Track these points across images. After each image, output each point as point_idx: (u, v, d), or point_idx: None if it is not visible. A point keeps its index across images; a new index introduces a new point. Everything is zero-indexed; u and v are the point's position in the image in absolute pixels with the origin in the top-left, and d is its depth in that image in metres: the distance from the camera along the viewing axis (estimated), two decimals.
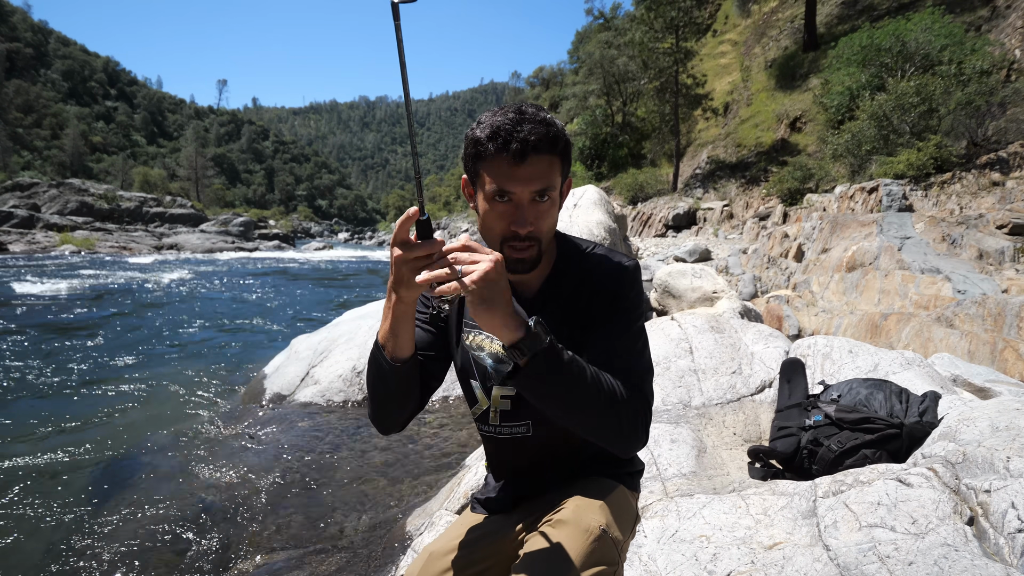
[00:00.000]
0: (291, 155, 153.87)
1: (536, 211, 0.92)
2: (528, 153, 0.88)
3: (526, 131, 0.88)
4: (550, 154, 0.91)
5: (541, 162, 0.90)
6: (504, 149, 0.88)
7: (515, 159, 0.89)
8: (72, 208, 31.29)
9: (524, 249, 0.94)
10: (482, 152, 0.91)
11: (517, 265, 0.96)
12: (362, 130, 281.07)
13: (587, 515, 0.95)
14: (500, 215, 0.93)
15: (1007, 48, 14.39)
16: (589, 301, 1.01)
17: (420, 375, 1.01)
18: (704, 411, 2.70)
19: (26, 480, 3.11)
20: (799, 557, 1.53)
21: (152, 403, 4.44)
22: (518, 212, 0.92)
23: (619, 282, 1.01)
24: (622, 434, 0.92)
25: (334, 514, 2.71)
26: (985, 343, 4.13)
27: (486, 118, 0.93)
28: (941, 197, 9.95)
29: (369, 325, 4.75)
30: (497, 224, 0.94)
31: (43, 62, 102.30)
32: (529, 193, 0.91)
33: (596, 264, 1.03)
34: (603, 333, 0.99)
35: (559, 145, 0.92)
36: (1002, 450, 1.64)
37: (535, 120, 0.90)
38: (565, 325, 1.01)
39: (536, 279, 1.05)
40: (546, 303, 1.03)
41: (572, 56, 48.62)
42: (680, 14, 24.91)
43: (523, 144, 0.88)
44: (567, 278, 1.04)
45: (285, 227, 53.65)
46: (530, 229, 0.92)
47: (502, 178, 0.90)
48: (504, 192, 0.91)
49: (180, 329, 7.62)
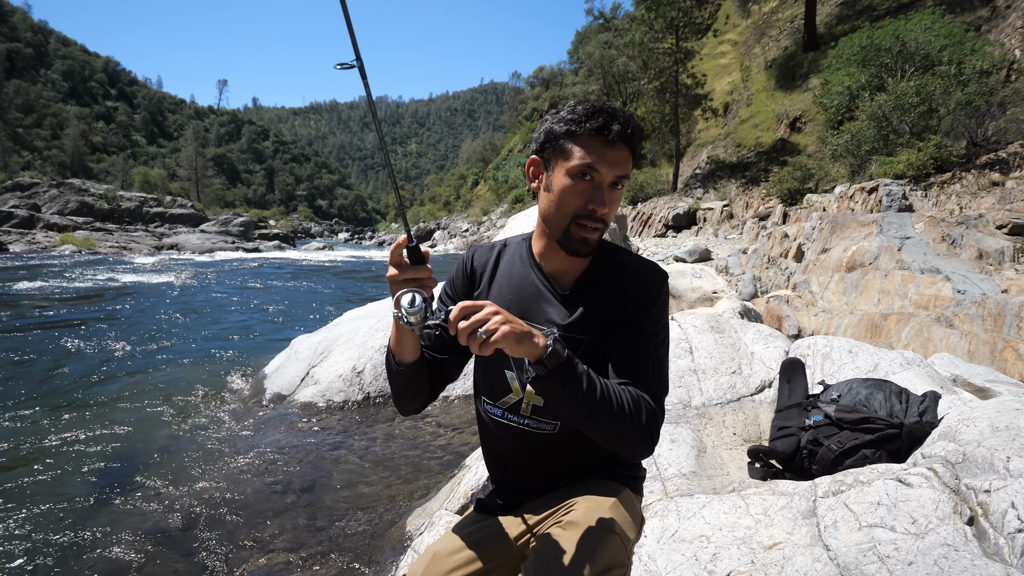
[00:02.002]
0: (291, 155, 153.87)
1: (613, 196, 0.98)
2: (622, 139, 0.95)
3: (623, 119, 0.95)
4: (634, 147, 0.98)
5: (626, 152, 0.97)
6: (604, 129, 0.94)
7: (610, 140, 0.94)
8: (72, 208, 31.28)
9: (593, 230, 0.98)
10: (575, 130, 0.96)
11: (580, 246, 1.00)
12: (362, 130, 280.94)
13: (599, 516, 0.96)
14: (580, 192, 0.97)
15: (1007, 48, 14.38)
16: (620, 305, 1.04)
17: (431, 373, 1.11)
18: (704, 411, 2.70)
19: (25, 481, 3.10)
20: (799, 557, 1.53)
21: (151, 403, 4.44)
22: (598, 192, 0.97)
23: (651, 294, 1.04)
24: (633, 440, 0.95)
25: (334, 514, 2.71)
26: (985, 343, 4.13)
27: (575, 105, 0.99)
28: (941, 197, 9.94)
29: (369, 325, 4.75)
30: (574, 200, 0.98)
31: (43, 62, 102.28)
32: (612, 176, 0.96)
33: (632, 270, 1.06)
34: (627, 341, 1.01)
35: (638, 141, 0.98)
36: (1002, 450, 1.64)
37: (627, 114, 0.97)
38: (599, 323, 1.04)
39: (573, 272, 1.08)
40: (581, 301, 1.05)
41: (572, 56, 48.67)
42: (680, 14, 24.88)
43: (626, 129, 0.94)
44: (602, 276, 1.07)
45: (285, 227, 53.61)
46: (604, 211, 0.97)
47: (593, 156, 0.95)
48: (590, 170, 0.95)
49: (180, 329, 7.62)
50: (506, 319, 0.85)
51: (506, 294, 1.10)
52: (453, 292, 1.19)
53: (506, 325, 0.83)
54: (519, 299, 1.09)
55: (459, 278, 1.18)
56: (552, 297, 1.07)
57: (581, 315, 1.04)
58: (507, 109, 74.42)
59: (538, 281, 1.09)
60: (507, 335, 0.83)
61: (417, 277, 0.91)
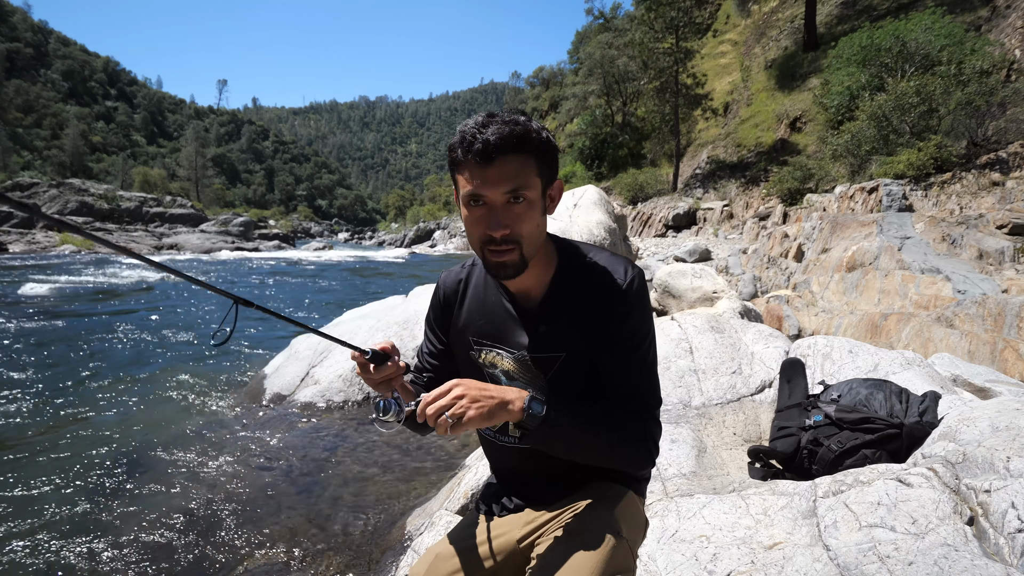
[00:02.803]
0: (291, 155, 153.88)
1: (511, 213, 0.90)
2: (493, 154, 0.87)
3: (490, 132, 0.87)
4: (518, 154, 0.88)
5: (510, 163, 0.88)
6: (469, 151, 0.88)
7: (481, 161, 0.87)
8: (72, 208, 31.28)
9: (504, 253, 0.92)
10: (455, 158, 0.91)
11: (499, 270, 0.94)
12: (362, 130, 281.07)
13: (604, 520, 0.95)
14: (477, 219, 0.92)
15: (1007, 48, 14.38)
16: (595, 317, 0.99)
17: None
18: (704, 411, 2.70)
19: (24, 481, 3.10)
20: (799, 557, 1.52)
21: (151, 403, 4.44)
22: (493, 215, 0.90)
23: (624, 301, 0.98)
24: (631, 463, 0.98)
25: (334, 514, 2.71)
26: (985, 343, 4.13)
27: (460, 125, 0.94)
28: (941, 197, 9.95)
29: (369, 325, 4.75)
30: (475, 229, 0.93)
31: (43, 62, 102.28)
32: (501, 195, 0.89)
33: (600, 279, 1.00)
34: (611, 355, 0.98)
35: (529, 144, 0.89)
36: (1002, 450, 1.64)
37: (502, 121, 0.88)
38: (572, 336, 1.00)
39: (538, 288, 1.02)
40: (551, 314, 1.01)
41: (572, 56, 48.60)
42: (680, 14, 24.90)
43: (486, 145, 0.86)
44: (570, 287, 1.01)
45: (285, 227, 53.64)
46: (505, 232, 0.90)
47: (476, 180, 0.89)
48: (476, 196, 0.90)
49: (179, 329, 7.62)
50: (474, 398, 0.84)
51: (477, 319, 1.08)
52: (432, 325, 1.18)
53: (473, 407, 0.84)
54: (490, 322, 1.06)
55: (435, 310, 1.17)
56: (520, 317, 1.03)
57: (551, 332, 1.00)
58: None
59: (505, 301, 1.05)
60: (473, 418, 0.83)
61: (386, 377, 0.98)
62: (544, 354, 1.01)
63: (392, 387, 1.04)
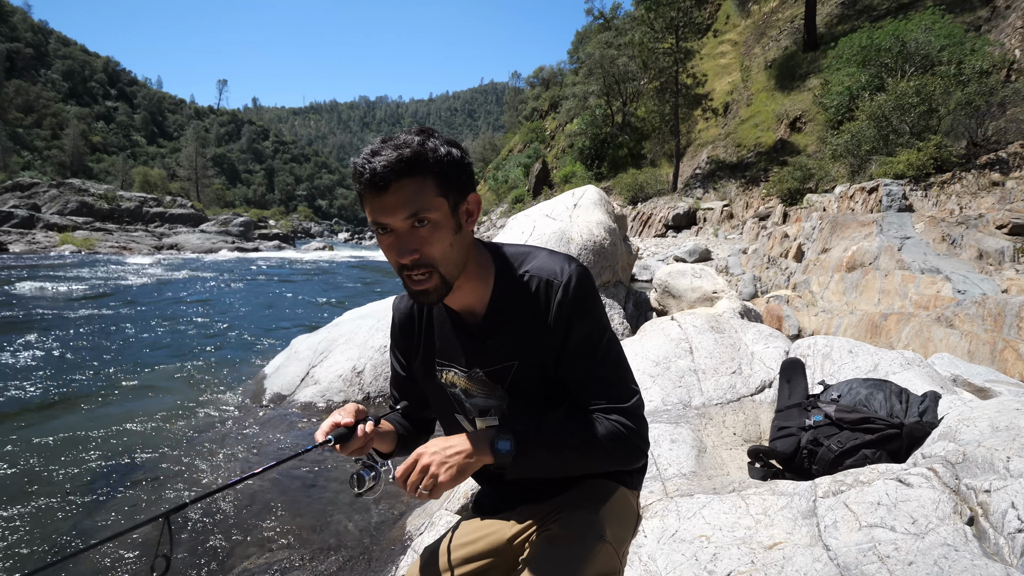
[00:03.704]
0: (291, 155, 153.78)
1: (417, 237, 0.88)
2: (382, 183, 0.84)
3: (378, 161, 0.84)
4: (412, 176, 0.85)
5: (404, 187, 0.85)
6: (361, 182, 0.85)
7: (375, 191, 0.85)
8: (72, 208, 31.28)
9: (422, 281, 0.90)
10: (357, 189, 0.88)
11: (421, 297, 0.92)
12: (362, 130, 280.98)
13: (589, 523, 0.96)
14: (387, 247, 0.90)
15: (1007, 48, 14.39)
16: (539, 321, 0.97)
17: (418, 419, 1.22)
18: (704, 411, 2.70)
19: (25, 480, 3.10)
20: (799, 557, 1.53)
21: (151, 403, 4.44)
22: (400, 242, 0.88)
23: (564, 302, 0.95)
24: (618, 463, 0.99)
25: (334, 514, 2.72)
26: (985, 343, 4.13)
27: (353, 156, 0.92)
28: (941, 197, 9.95)
29: (369, 325, 4.75)
30: (389, 256, 0.91)
31: (43, 62, 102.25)
32: (401, 221, 0.86)
33: (538, 284, 0.97)
34: (569, 362, 0.97)
35: (423, 166, 0.85)
36: (1002, 450, 1.64)
37: (393, 146, 0.85)
38: (520, 342, 0.98)
39: (479, 303, 1.00)
40: (496, 329, 1.00)
41: (572, 56, 48.61)
42: (680, 14, 24.89)
43: (373, 175, 0.84)
44: (510, 298, 0.99)
45: (285, 227, 53.59)
46: (414, 256, 0.88)
47: (376, 209, 0.87)
48: (380, 224, 0.88)
49: (180, 329, 7.62)
50: (440, 462, 0.88)
51: (435, 341, 1.08)
52: (395, 352, 1.18)
53: (442, 471, 0.88)
54: (445, 344, 1.06)
55: (396, 340, 1.16)
56: (467, 335, 1.02)
57: (499, 345, 0.99)
58: (507, 109, 74.45)
59: (451, 322, 1.04)
60: (446, 481, 0.88)
61: (357, 448, 1.00)
62: (496, 366, 1.00)
63: (366, 449, 1.04)
